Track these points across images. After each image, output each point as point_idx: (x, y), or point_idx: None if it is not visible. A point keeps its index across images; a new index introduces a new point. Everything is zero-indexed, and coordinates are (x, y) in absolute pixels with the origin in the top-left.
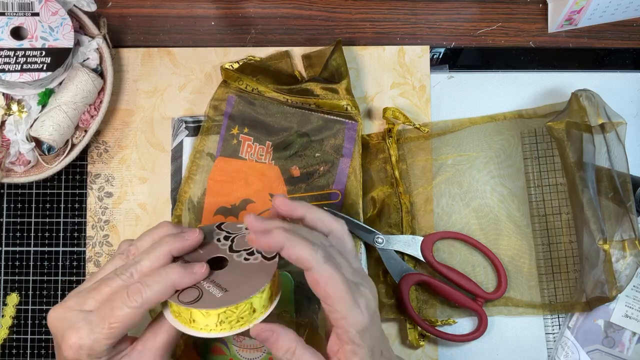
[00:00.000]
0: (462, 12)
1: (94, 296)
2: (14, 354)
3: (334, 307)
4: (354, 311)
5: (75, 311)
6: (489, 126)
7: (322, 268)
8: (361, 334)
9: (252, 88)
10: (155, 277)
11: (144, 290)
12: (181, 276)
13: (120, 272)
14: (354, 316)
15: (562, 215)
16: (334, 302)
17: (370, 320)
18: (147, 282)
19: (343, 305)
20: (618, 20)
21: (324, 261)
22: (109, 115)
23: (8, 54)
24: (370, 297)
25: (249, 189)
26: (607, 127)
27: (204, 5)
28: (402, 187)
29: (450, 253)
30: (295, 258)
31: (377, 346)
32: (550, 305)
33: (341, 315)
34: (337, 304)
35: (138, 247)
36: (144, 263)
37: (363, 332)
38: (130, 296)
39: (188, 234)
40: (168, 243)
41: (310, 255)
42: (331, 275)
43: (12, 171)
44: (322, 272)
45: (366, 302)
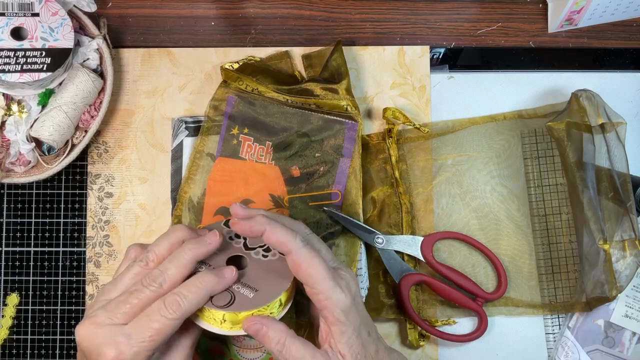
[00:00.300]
0: (462, 12)
1: (124, 309)
2: (14, 354)
3: (317, 287)
4: (335, 290)
5: (108, 326)
6: (489, 126)
7: (301, 251)
8: (346, 313)
9: (252, 88)
10: (191, 288)
11: (182, 301)
12: (215, 284)
13: (147, 282)
14: (337, 295)
15: (562, 215)
16: (316, 283)
17: (352, 300)
18: (184, 293)
19: (325, 286)
20: (618, 20)
21: (302, 245)
22: (109, 115)
23: (8, 54)
24: (349, 279)
25: (249, 189)
26: (607, 127)
27: (204, 5)
28: (402, 187)
29: (450, 253)
30: (276, 242)
31: (363, 327)
32: (550, 305)
33: (325, 296)
34: (319, 285)
35: (157, 253)
36: (171, 272)
37: (347, 311)
38: (169, 308)
39: (210, 238)
40: (192, 249)
41: (290, 240)
42: (310, 257)
43: (12, 171)
44: (301, 255)
45: (346, 283)
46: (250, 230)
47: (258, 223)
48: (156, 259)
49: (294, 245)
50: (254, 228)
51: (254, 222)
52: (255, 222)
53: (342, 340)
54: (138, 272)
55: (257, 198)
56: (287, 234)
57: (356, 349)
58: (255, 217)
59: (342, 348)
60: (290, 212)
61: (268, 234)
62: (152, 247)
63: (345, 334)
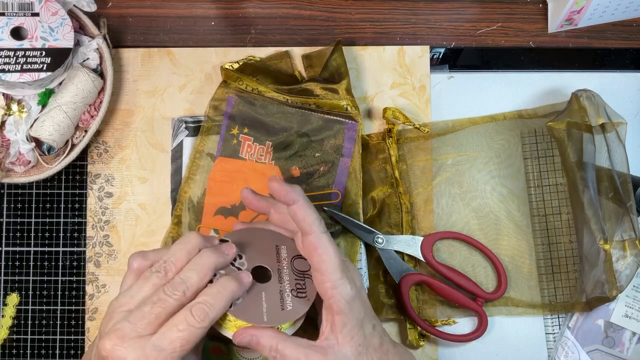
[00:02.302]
0: (462, 12)
1: (149, 319)
2: (14, 354)
3: (327, 275)
4: (343, 281)
5: (135, 338)
6: (489, 126)
7: (322, 236)
8: (350, 305)
9: (252, 88)
10: (216, 295)
11: (209, 310)
12: (237, 289)
13: (170, 291)
14: (344, 286)
15: (562, 215)
16: (327, 270)
17: (357, 293)
18: (209, 302)
19: (334, 275)
20: (618, 20)
21: (323, 230)
22: (109, 115)
23: (8, 54)
24: (355, 273)
25: None
26: (608, 127)
27: (204, 5)
28: (402, 187)
29: (450, 253)
30: (302, 218)
31: (367, 320)
32: (550, 305)
33: (332, 285)
34: (329, 273)
35: (174, 263)
36: (193, 280)
37: (351, 302)
38: (196, 317)
39: (227, 249)
40: (211, 257)
41: (315, 221)
42: (328, 243)
43: (12, 171)
44: (321, 239)
45: (352, 277)
46: (285, 194)
47: (295, 191)
48: (174, 269)
49: (317, 228)
50: (290, 193)
51: (292, 188)
52: (293, 189)
53: (344, 330)
54: (156, 282)
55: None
56: (313, 215)
57: (358, 340)
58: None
59: (344, 338)
60: None
61: (298, 205)
62: (169, 256)
63: (347, 325)
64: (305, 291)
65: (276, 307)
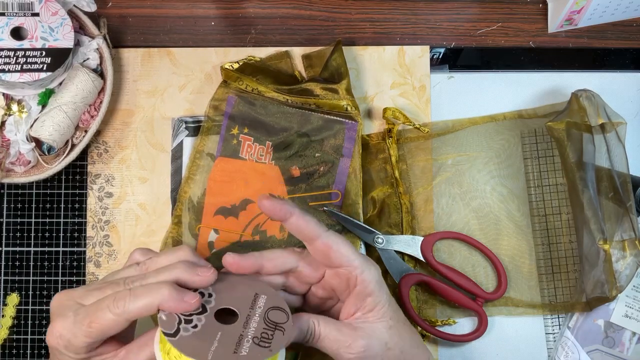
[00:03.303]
0: (462, 12)
1: (96, 294)
2: (14, 354)
3: (352, 263)
4: (368, 265)
5: (74, 301)
6: (489, 126)
7: (329, 234)
8: (379, 284)
9: (252, 88)
10: (144, 290)
11: (129, 299)
12: (169, 298)
13: (128, 282)
14: (369, 270)
15: (562, 215)
16: (351, 259)
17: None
18: (136, 293)
19: (357, 261)
20: (618, 20)
21: (329, 231)
22: (109, 115)
23: (8, 54)
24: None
25: (249, 189)
26: (607, 127)
27: (204, 5)
28: (402, 187)
29: (450, 253)
30: (304, 227)
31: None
32: (550, 305)
33: (360, 270)
34: (354, 260)
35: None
36: (148, 280)
37: (380, 282)
38: (115, 302)
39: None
40: (177, 270)
41: (317, 226)
42: (338, 238)
43: (12, 171)
44: (330, 237)
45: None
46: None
47: (286, 206)
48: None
49: (321, 230)
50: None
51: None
52: (284, 204)
53: (375, 309)
54: (130, 272)
55: (257, 198)
56: (312, 221)
57: (389, 314)
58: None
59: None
60: None
61: (295, 218)
62: (155, 256)
63: (378, 304)
64: (270, 342)
65: (228, 350)
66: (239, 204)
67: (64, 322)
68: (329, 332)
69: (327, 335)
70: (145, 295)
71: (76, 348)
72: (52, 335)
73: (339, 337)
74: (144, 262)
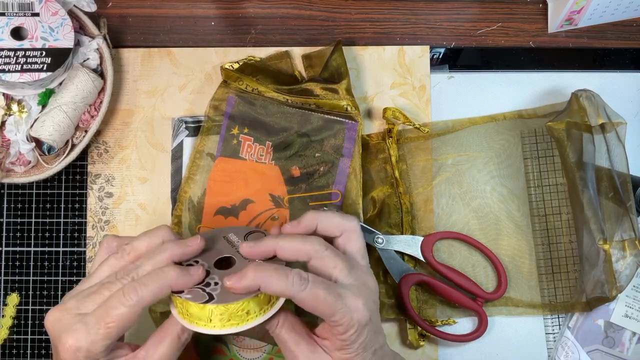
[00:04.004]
0: (462, 12)
1: (93, 299)
2: (14, 354)
3: (328, 319)
4: (347, 317)
5: (73, 314)
6: (489, 126)
7: (303, 295)
8: (358, 333)
9: (252, 88)
10: (152, 276)
11: (139, 288)
12: (177, 277)
13: (121, 276)
14: (349, 321)
15: (562, 215)
16: (328, 316)
17: (368, 320)
18: (144, 281)
19: (336, 317)
20: (618, 20)
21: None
22: (109, 115)
23: (8, 54)
24: (369, 295)
25: (249, 189)
26: (607, 127)
27: (204, 5)
28: (402, 187)
29: (450, 253)
30: (276, 293)
31: (370, 345)
32: (550, 305)
33: (337, 323)
34: (331, 317)
35: (135, 248)
36: (146, 268)
37: (360, 331)
38: (126, 295)
39: (190, 241)
40: (169, 250)
41: (286, 287)
42: (315, 297)
43: (13, 171)
44: (304, 298)
45: (364, 302)
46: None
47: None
48: (132, 253)
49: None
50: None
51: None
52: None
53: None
54: (113, 264)
55: (257, 198)
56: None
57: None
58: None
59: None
60: (290, 212)
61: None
62: (132, 240)
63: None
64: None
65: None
66: (239, 204)
67: (76, 334)
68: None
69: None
70: (154, 281)
71: (96, 354)
72: (68, 352)
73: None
74: (123, 249)
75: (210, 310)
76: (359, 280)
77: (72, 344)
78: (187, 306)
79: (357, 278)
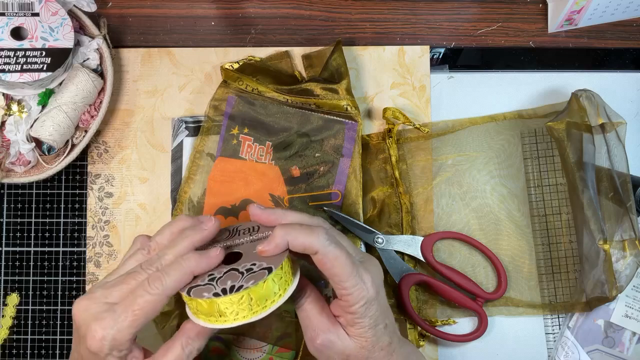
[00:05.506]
0: (462, 12)
1: (120, 289)
2: (14, 354)
3: (341, 284)
4: (359, 287)
5: (101, 302)
6: (489, 126)
7: (327, 250)
8: (366, 306)
9: (252, 88)
10: (174, 265)
11: (163, 277)
12: (198, 261)
13: (145, 266)
14: (359, 292)
15: (562, 215)
16: (341, 280)
17: (376, 294)
18: (166, 270)
19: (349, 283)
20: (618, 20)
21: (327, 243)
22: (109, 115)
23: (8, 54)
24: (375, 272)
25: (249, 189)
26: (607, 127)
27: (204, 5)
28: (402, 187)
29: (450, 253)
30: (302, 248)
31: (381, 319)
32: (550, 305)
33: (347, 292)
34: (344, 282)
35: (158, 242)
36: (167, 257)
37: (368, 304)
38: (151, 283)
39: (205, 224)
40: (189, 237)
41: (313, 241)
42: (336, 255)
43: (12, 171)
44: (328, 254)
45: (371, 278)
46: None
47: (277, 239)
48: (157, 247)
49: (319, 245)
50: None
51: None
52: (275, 239)
53: (355, 327)
54: (139, 258)
55: (257, 198)
56: (309, 236)
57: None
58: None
59: (353, 332)
60: None
61: (292, 244)
62: (155, 236)
63: (358, 324)
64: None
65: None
66: (239, 204)
67: (104, 322)
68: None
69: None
70: (177, 268)
71: (122, 344)
72: (94, 339)
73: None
74: (147, 245)
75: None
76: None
77: (99, 332)
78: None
79: (363, 256)
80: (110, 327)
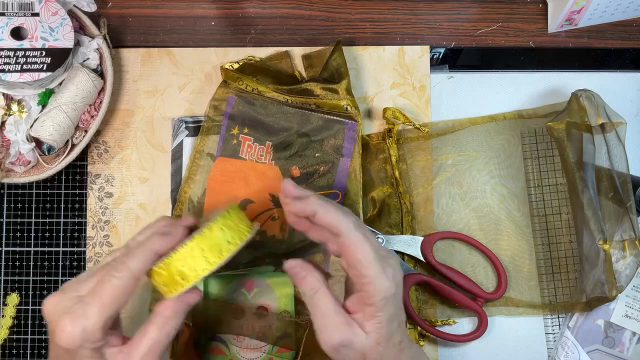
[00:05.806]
0: (462, 12)
1: (91, 281)
2: (14, 354)
3: (363, 272)
4: (381, 278)
5: (71, 296)
6: (489, 126)
7: (353, 234)
8: (385, 301)
9: (252, 88)
10: (138, 247)
11: (128, 260)
12: (161, 240)
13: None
14: (381, 283)
15: (562, 215)
16: (363, 267)
17: (395, 289)
18: (130, 253)
19: (372, 271)
20: (618, 20)
21: (354, 227)
22: (109, 115)
23: (8, 54)
24: (397, 268)
25: (249, 189)
26: (607, 127)
27: (204, 5)
28: (402, 187)
29: (450, 253)
30: (328, 223)
31: (395, 317)
32: (550, 305)
33: (368, 280)
34: (366, 269)
35: (136, 240)
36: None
37: (387, 299)
38: (116, 268)
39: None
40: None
41: (342, 221)
42: (361, 240)
43: (12, 171)
44: (353, 237)
45: (393, 272)
46: (302, 211)
47: (310, 204)
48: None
49: (345, 227)
50: (306, 208)
51: (306, 202)
52: (307, 203)
53: (372, 321)
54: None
55: (257, 198)
56: (339, 216)
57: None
58: (307, 198)
59: (369, 327)
60: None
61: (320, 215)
62: (136, 235)
63: (376, 318)
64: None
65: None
66: (239, 204)
67: (72, 315)
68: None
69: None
70: (140, 250)
71: (92, 333)
72: (64, 333)
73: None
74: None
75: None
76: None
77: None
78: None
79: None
80: (80, 316)
